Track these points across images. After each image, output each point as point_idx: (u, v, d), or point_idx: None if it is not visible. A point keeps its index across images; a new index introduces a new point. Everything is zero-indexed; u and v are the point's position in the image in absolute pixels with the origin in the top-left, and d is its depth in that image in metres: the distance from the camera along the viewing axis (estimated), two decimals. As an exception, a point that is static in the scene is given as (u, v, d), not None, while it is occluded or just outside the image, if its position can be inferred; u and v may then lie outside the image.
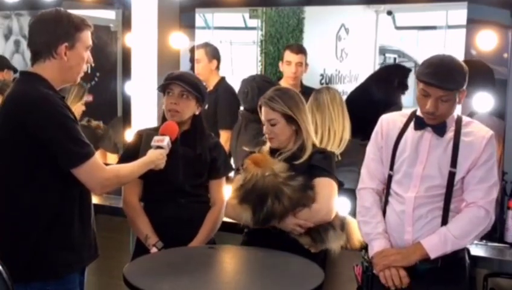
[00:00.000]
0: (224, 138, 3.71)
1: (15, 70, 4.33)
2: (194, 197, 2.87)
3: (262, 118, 2.80)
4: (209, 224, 2.87)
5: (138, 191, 2.89)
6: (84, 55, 2.37)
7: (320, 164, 2.72)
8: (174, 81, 2.81)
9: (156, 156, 2.58)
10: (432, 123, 2.42)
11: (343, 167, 2.98)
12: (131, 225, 2.91)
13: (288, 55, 3.69)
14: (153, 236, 2.78)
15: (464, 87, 2.38)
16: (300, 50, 3.73)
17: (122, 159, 2.82)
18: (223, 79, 3.90)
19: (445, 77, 2.33)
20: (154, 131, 2.83)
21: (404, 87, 3.44)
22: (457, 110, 2.55)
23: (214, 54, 3.90)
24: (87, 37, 2.37)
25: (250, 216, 2.65)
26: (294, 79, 3.70)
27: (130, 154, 2.75)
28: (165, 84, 2.84)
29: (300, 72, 3.73)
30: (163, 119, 2.90)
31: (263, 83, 3.58)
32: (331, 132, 3.13)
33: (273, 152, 2.81)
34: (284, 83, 3.68)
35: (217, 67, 3.90)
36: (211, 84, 3.83)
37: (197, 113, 2.88)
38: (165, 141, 2.63)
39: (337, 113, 3.20)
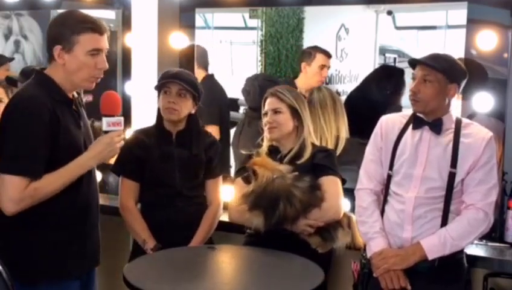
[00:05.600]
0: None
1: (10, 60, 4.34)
2: (191, 199, 2.86)
3: (266, 108, 2.80)
4: (206, 224, 2.87)
5: (135, 195, 2.88)
6: (87, 60, 2.24)
7: (323, 162, 2.72)
8: (172, 80, 2.80)
9: (94, 151, 2.29)
10: (416, 109, 2.45)
11: (342, 165, 2.98)
12: (128, 228, 2.91)
13: (323, 59, 3.65)
14: (150, 240, 2.77)
15: (453, 81, 2.40)
16: (331, 54, 3.73)
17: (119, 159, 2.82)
18: (205, 78, 3.87)
19: (430, 56, 2.41)
20: (146, 130, 2.86)
21: (400, 85, 3.42)
22: (457, 112, 2.56)
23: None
24: (88, 40, 2.23)
25: (262, 222, 2.64)
26: (322, 83, 3.68)
27: (123, 153, 2.72)
28: (162, 83, 2.83)
29: None
30: (158, 118, 2.90)
31: (265, 82, 3.58)
32: (317, 133, 3.11)
33: (272, 152, 2.82)
34: (305, 84, 3.63)
35: (200, 67, 3.86)
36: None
37: (192, 112, 2.87)
38: (104, 124, 2.34)
39: (327, 115, 3.18)
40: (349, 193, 2.82)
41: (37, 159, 2.17)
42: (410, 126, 2.50)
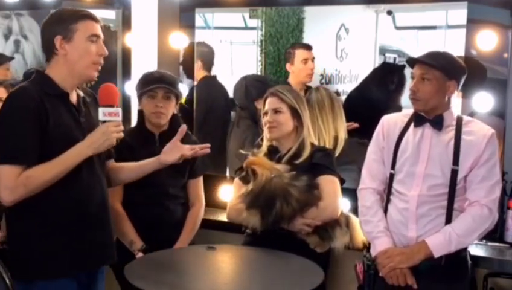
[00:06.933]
0: None
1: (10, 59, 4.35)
2: (178, 199, 2.90)
3: (266, 107, 2.80)
4: (190, 224, 2.91)
5: (120, 195, 2.88)
6: (88, 46, 2.27)
7: (322, 161, 2.73)
8: (159, 85, 2.83)
9: (90, 140, 2.26)
10: (416, 108, 2.46)
11: (341, 165, 2.98)
12: (114, 229, 2.89)
13: (303, 53, 3.66)
14: (137, 241, 2.79)
15: (452, 78, 2.40)
16: (310, 46, 3.73)
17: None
18: (205, 78, 3.87)
19: (429, 55, 2.42)
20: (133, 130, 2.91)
21: (402, 82, 3.42)
22: (458, 110, 2.56)
23: (199, 54, 3.88)
24: (86, 27, 2.27)
25: (259, 221, 2.64)
26: (312, 76, 3.69)
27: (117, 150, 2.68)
28: (150, 88, 2.84)
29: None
30: (140, 119, 2.93)
31: (253, 82, 3.60)
32: (315, 134, 3.10)
33: (272, 152, 2.82)
34: (297, 83, 3.62)
35: (203, 68, 3.87)
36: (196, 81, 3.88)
37: (175, 112, 2.91)
38: (100, 114, 2.30)
39: (325, 115, 3.17)
40: (349, 192, 2.82)
41: (26, 147, 2.18)
42: (412, 124, 2.50)
